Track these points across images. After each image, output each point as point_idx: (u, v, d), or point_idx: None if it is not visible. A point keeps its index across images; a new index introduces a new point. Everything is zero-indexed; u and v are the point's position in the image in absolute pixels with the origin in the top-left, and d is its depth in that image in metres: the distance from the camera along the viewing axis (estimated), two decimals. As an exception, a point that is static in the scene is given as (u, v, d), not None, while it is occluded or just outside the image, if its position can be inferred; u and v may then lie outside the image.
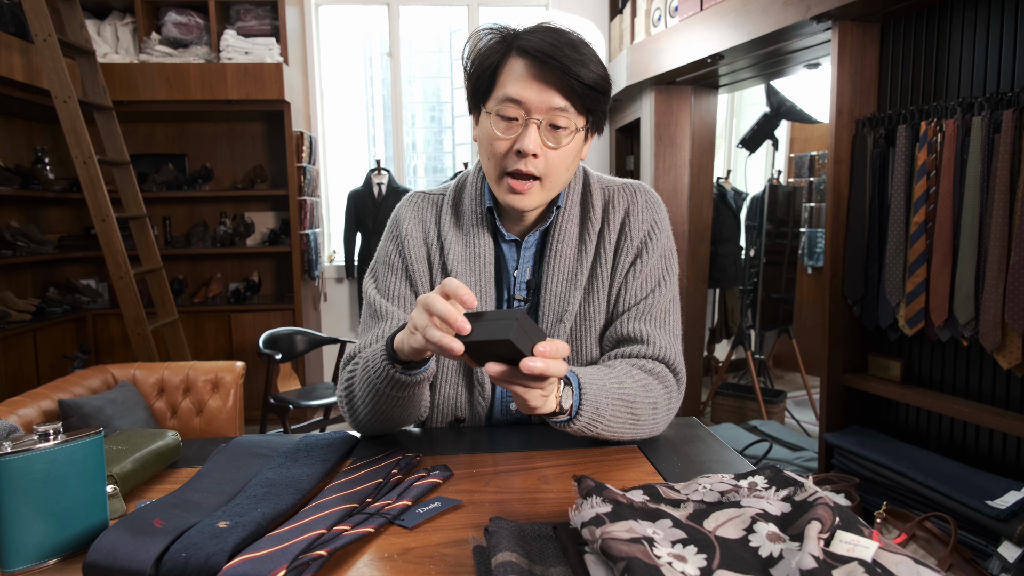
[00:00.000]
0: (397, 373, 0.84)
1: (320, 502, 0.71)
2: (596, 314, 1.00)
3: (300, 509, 0.72)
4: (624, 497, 0.60)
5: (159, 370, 3.12)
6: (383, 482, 0.78)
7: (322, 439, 0.92)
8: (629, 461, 0.87)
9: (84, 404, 2.68)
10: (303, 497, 0.75)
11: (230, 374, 3.11)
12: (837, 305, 2.69)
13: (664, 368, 0.95)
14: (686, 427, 1.02)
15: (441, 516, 0.72)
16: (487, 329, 0.68)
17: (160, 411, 3.04)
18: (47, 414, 2.63)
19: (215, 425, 3.06)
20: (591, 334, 1.00)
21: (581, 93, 0.88)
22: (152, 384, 3.07)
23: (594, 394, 0.83)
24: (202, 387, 3.11)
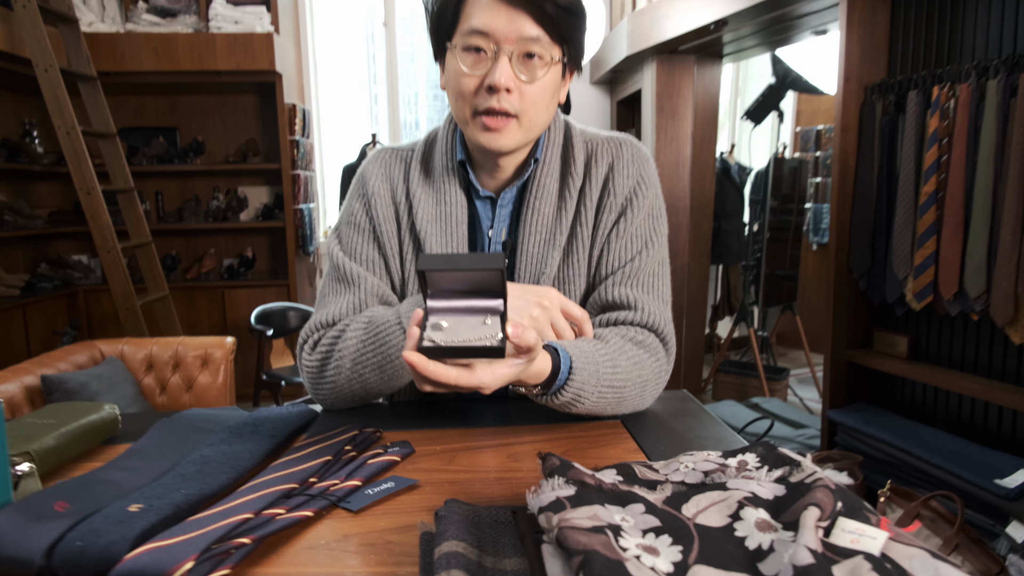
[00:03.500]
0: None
1: (257, 482, 0.63)
2: (576, 277, 0.92)
3: (234, 490, 0.64)
4: (592, 478, 0.52)
5: (147, 346, 3.06)
6: (332, 460, 0.70)
7: (275, 413, 0.84)
8: (610, 437, 0.79)
9: (68, 380, 2.62)
10: (240, 476, 0.67)
11: (220, 350, 3.04)
12: (842, 279, 2.60)
13: (654, 338, 0.87)
14: (676, 401, 0.94)
15: (393, 498, 0.65)
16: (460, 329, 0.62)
17: (148, 387, 2.98)
18: (30, 390, 2.57)
19: (205, 401, 3.00)
20: (572, 299, 0.92)
21: (555, 17, 0.79)
22: (140, 360, 3.01)
23: (582, 381, 0.75)
24: (191, 363, 3.04)
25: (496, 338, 0.59)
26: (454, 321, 0.61)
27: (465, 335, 0.59)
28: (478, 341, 0.58)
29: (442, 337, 0.59)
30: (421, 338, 0.59)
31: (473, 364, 0.61)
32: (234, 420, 0.80)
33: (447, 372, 0.60)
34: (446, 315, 0.62)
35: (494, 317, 0.61)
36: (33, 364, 2.68)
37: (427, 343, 0.59)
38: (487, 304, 0.62)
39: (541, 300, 0.78)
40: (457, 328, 0.60)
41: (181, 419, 0.82)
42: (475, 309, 0.62)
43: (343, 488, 0.65)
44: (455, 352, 0.59)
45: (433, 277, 0.61)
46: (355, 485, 0.66)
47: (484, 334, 0.59)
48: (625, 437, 0.79)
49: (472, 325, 0.60)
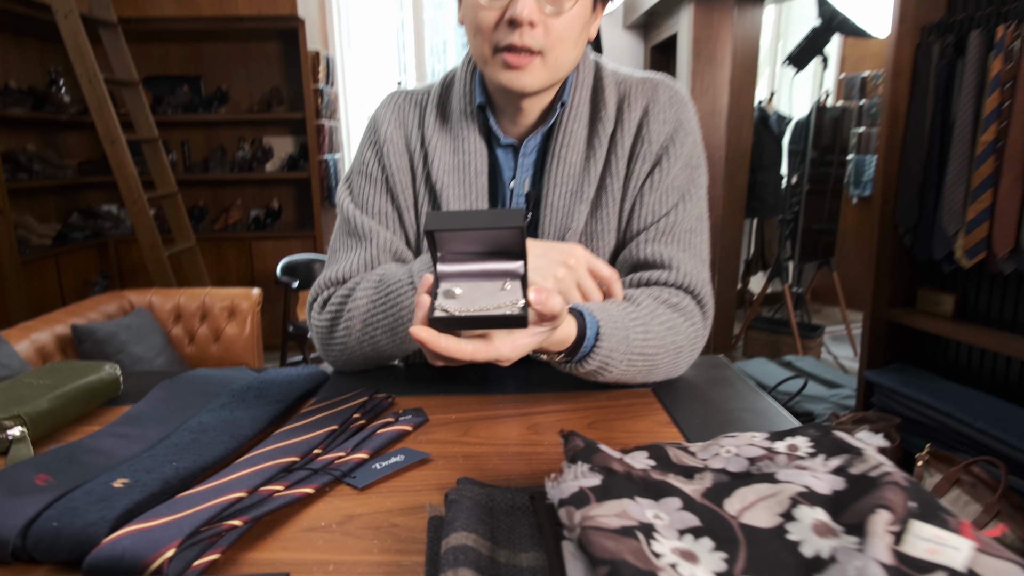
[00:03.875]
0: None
1: (256, 453, 0.59)
2: (605, 233, 0.84)
3: (231, 462, 0.59)
4: (621, 463, 0.46)
5: (175, 296, 3.06)
6: (339, 429, 0.65)
7: (282, 375, 0.79)
8: (640, 408, 0.73)
9: (98, 329, 2.63)
10: (240, 446, 0.62)
11: (246, 301, 3.04)
12: (887, 235, 2.47)
13: (689, 300, 0.79)
14: (712, 368, 0.87)
15: (402, 473, 0.59)
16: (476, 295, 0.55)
17: (177, 337, 3.00)
18: (61, 339, 2.59)
19: (233, 352, 3.02)
20: (599, 257, 0.85)
21: None
22: (169, 310, 3.02)
23: (610, 348, 0.69)
24: (219, 314, 3.05)
25: (517, 305, 0.52)
26: (468, 287, 0.55)
27: (481, 303, 0.53)
28: (496, 309, 0.52)
29: (455, 306, 0.53)
30: (432, 308, 0.53)
31: (490, 335, 0.55)
32: (239, 383, 0.75)
33: (461, 346, 0.53)
34: (459, 280, 0.55)
35: (514, 281, 0.54)
36: (64, 313, 2.71)
37: (438, 313, 0.52)
38: (505, 267, 0.55)
39: (566, 259, 0.71)
40: (472, 295, 0.54)
41: (184, 380, 0.77)
42: (492, 273, 0.55)
43: (349, 462, 0.60)
44: (470, 323, 0.52)
45: (443, 238, 0.55)
46: (362, 458, 0.61)
47: (503, 301, 0.53)
48: (656, 408, 0.73)
49: (489, 291, 0.54)
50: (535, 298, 0.53)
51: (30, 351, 2.40)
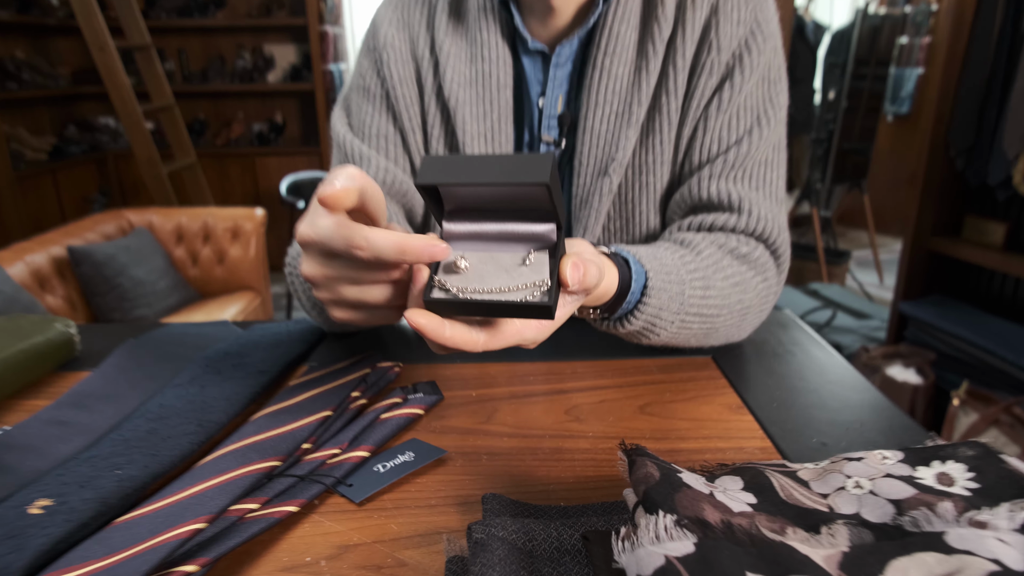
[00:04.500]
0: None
1: (226, 452, 0.46)
2: (658, 165, 0.69)
3: (194, 463, 0.47)
4: (713, 504, 0.33)
5: (176, 216, 2.93)
6: (334, 414, 0.52)
7: (270, 334, 0.66)
8: (702, 385, 0.60)
9: (96, 251, 2.52)
10: (207, 438, 0.50)
11: (250, 222, 2.91)
12: (936, 156, 2.27)
13: (763, 250, 0.65)
14: (777, 327, 0.73)
15: (411, 479, 0.47)
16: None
17: (180, 259, 2.89)
18: (57, 262, 2.48)
19: (239, 275, 2.91)
20: (649, 195, 0.69)
21: None
22: (170, 231, 2.90)
23: (659, 306, 0.54)
24: (222, 235, 2.92)
25: (541, 289, 0.38)
26: (479, 259, 0.40)
27: (495, 281, 0.39)
28: (514, 293, 0.38)
29: (461, 283, 0.39)
30: (430, 285, 0.39)
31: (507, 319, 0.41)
32: (215, 348, 0.63)
33: (470, 337, 0.39)
34: (467, 247, 0.41)
35: (540, 253, 0.40)
36: (60, 234, 2.59)
37: (437, 294, 0.39)
38: (531, 230, 0.40)
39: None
40: (483, 270, 0.40)
41: (152, 342, 0.65)
42: (512, 237, 0.41)
43: (345, 463, 0.47)
44: (478, 308, 0.38)
45: (449, 192, 0.40)
46: (361, 457, 0.48)
47: (523, 280, 0.39)
48: (721, 385, 0.60)
49: (506, 265, 0.40)
50: (572, 276, 0.39)
51: (25, 275, 2.30)
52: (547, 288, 0.38)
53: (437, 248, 0.39)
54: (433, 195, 0.41)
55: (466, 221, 0.41)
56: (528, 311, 0.38)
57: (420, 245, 0.38)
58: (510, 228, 0.41)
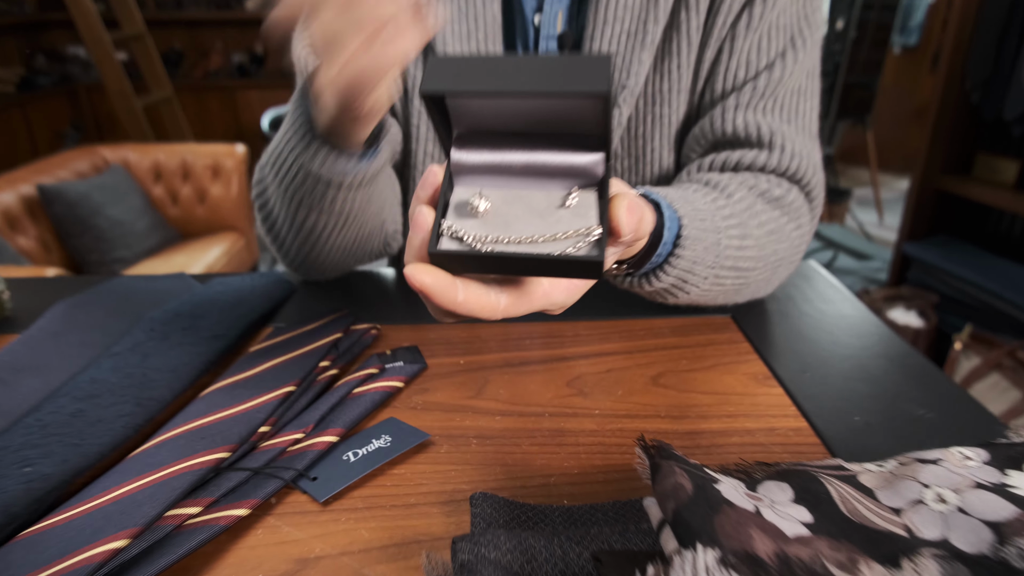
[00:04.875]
0: (319, 163, 0.49)
1: (165, 439, 0.39)
2: (674, 95, 0.59)
3: (126, 455, 0.39)
4: (761, 525, 0.26)
5: (153, 153, 2.80)
6: (298, 388, 0.45)
7: (231, 290, 0.58)
8: (722, 350, 0.53)
9: (68, 190, 2.40)
10: (146, 421, 0.42)
11: (231, 159, 2.78)
12: (951, 89, 2.16)
13: (796, 192, 0.56)
14: (802, 281, 0.66)
15: (387, 469, 0.40)
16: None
17: (159, 198, 2.77)
18: (27, 202, 2.37)
19: (221, 215, 2.80)
20: (662, 129, 0.61)
21: None
22: (147, 169, 2.77)
23: (693, 258, 0.46)
24: (202, 173, 2.80)
25: (589, 239, 0.29)
26: (503, 197, 0.32)
27: (525, 228, 0.30)
28: (552, 243, 0.29)
29: (479, 231, 0.30)
30: (435, 232, 0.30)
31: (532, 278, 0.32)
32: (165, 309, 0.54)
33: (488, 301, 0.31)
34: (488, 181, 0.32)
35: (585, 191, 0.31)
36: (30, 172, 2.46)
37: (447, 244, 0.30)
38: (572, 162, 0.32)
39: None
40: (509, 213, 0.31)
41: (92, 299, 0.56)
42: (545, 170, 0.32)
43: (308, 451, 0.40)
44: (506, 263, 0.29)
45: (461, 107, 0.31)
46: (329, 443, 0.41)
47: (564, 228, 0.30)
48: (744, 350, 0.52)
49: (539, 207, 0.31)
50: (627, 222, 0.30)
51: (-7, 215, 2.19)
52: (597, 237, 0.29)
53: (431, 175, 0.31)
54: (440, 111, 0.31)
55: (484, 148, 0.32)
56: (571, 268, 0.29)
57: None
58: (543, 159, 0.31)
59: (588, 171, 0.31)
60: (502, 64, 0.28)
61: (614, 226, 0.30)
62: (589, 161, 0.31)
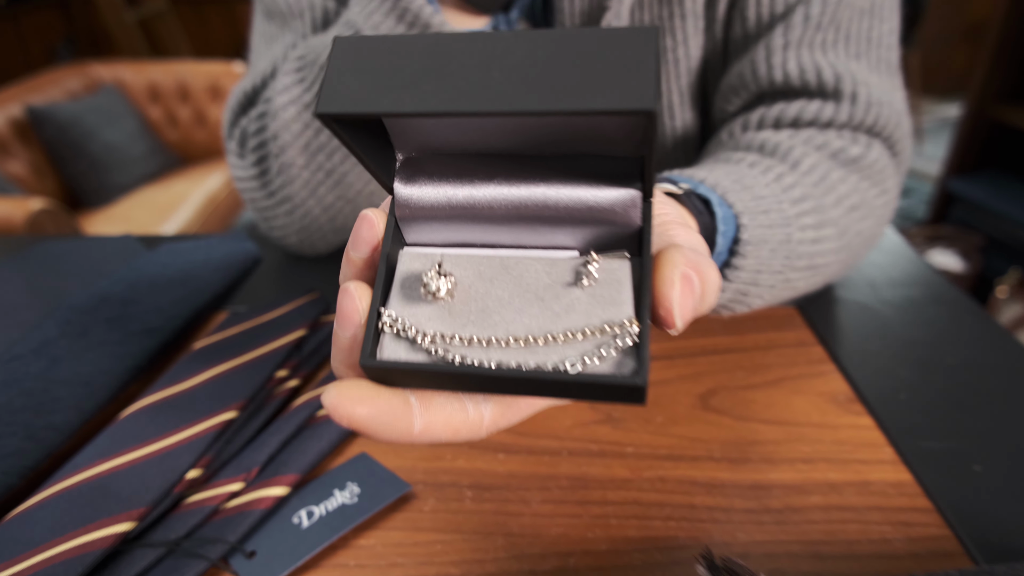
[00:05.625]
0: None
1: (48, 497, 0.29)
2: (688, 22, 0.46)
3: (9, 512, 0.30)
4: None
5: (149, 72, 2.65)
6: (243, 412, 0.35)
7: (181, 263, 0.47)
8: (785, 356, 0.41)
9: (59, 111, 2.28)
10: (39, 461, 0.32)
11: (231, 79, 2.62)
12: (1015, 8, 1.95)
13: (880, 149, 0.43)
14: (882, 256, 0.54)
15: (352, 540, 0.30)
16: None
17: (156, 120, 2.64)
18: (17, 125, 2.25)
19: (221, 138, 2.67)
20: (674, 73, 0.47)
21: None
22: (143, 89, 2.63)
23: (758, 265, 0.35)
24: (201, 94, 2.66)
25: (618, 342, 0.18)
26: (479, 267, 0.20)
27: (515, 322, 0.19)
28: (562, 347, 0.18)
29: (441, 327, 0.19)
30: (373, 326, 0.19)
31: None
32: (90, 292, 0.44)
33: (463, 421, 0.19)
34: (455, 236, 0.21)
35: (614, 258, 0.20)
36: (19, 91, 2.34)
37: (393, 349, 0.19)
38: (588, 200, 0.19)
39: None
40: (489, 295, 0.19)
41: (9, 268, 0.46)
42: (547, 217, 0.20)
43: (247, 511, 0.30)
44: (484, 383, 0.18)
45: (400, 126, 0.20)
46: (275, 499, 0.31)
47: (579, 323, 0.19)
48: (816, 357, 0.41)
49: (537, 284, 0.19)
50: (680, 306, 0.18)
51: (-21, 139, 2.08)
52: (635, 336, 0.18)
53: (365, 226, 0.20)
54: (367, 128, 0.19)
55: (446, 180, 0.20)
56: (594, 392, 0.18)
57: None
58: (542, 196, 0.20)
59: (616, 217, 0.19)
60: (470, 49, 0.16)
61: (662, 315, 0.18)
62: (617, 200, 0.19)
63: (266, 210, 0.49)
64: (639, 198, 0.19)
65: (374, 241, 0.20)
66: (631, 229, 0.20)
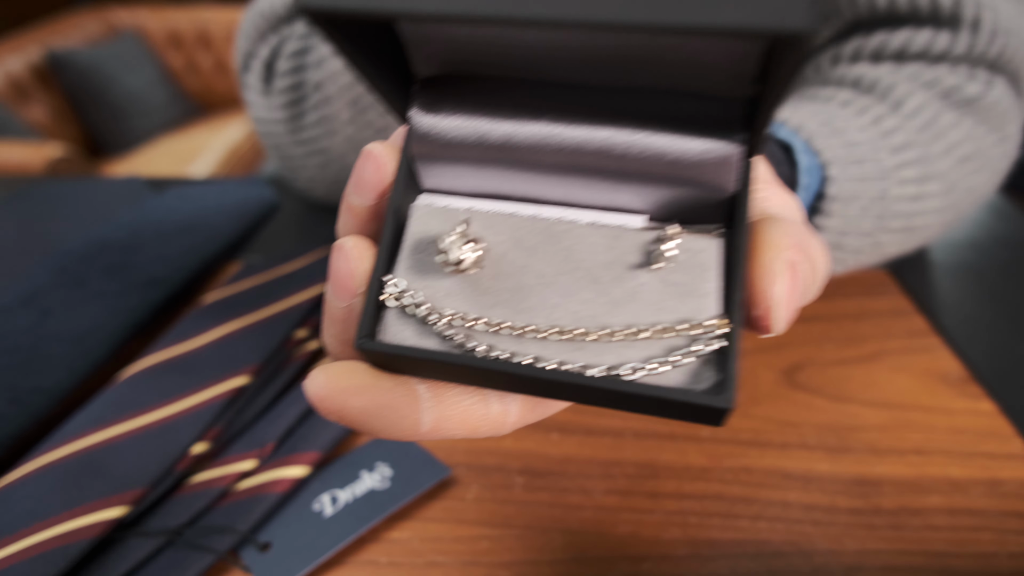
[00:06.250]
0: None
1: (34, 471, 0.25)
2: None
3: None
4: None
5: (169, 17, 2.59)
6: (257, 377, 0.30)
7: (192, 207, 0.43)
8: (881, 327, 0.36)
9: (79, 57, 2.24)
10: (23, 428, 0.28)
11: (252, 26, 2.55)
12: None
13: (1003, 86, 0.36)
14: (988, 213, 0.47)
15: (381, 533, 0.25)
16: None
17: (178, 69, 2.58)
18: (36, 70, 2.21)
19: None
20: None
21: None
22: (164, 35, 2.57)
23: (844, 225, 0.29)
24: (223, 42, 2.59)
25: (702, 344, 0.13)
26: (516, 231, 0.15)
27: (561, 308, 0.14)
28: (621, 345, 0.13)
29: (463, 305, 0.14)
30: (373, 298, 0.14)
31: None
32: (88, 236, 0.39)
33: (482, 416, 0.14)
34: (485, 187, 0.16)
35: (698, 236, 0.14)
36: (38, 34, 2.29)
37: (398, 330, 0.14)
38: (669, 151, 0.14)
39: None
40: (528, 269, 0.14)
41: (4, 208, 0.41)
42: (610, 170, 0.14)
43: (261, 496, 0.26)
44: (516, 383, 0.13)
45: (433, 28, 0.14)
46: (293, 481, 0.26)
47: (647, 316, 0.14)
48: (917, 328, 0.36)
49: (592, 261, 0.14)
50: (783, 303, 0.13)
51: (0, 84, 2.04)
52: (720, 341, 0.13)
53: (370, 164, 0.15)
54: (378, 36, 0.14)
55: (479, 111, 0.15)
56: (661, 407, 0.13)
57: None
58: (605, 140, 0.14)
59: (703, 176, 0.14)
60: None
61: (758, 316, 0.14)
62: (709, 154, 0.14)
63: (293, 159, 0.44)
64: (739, 154, 0.14)
65: (381, 186, 0.15)
66: (720, 195, 0.14)
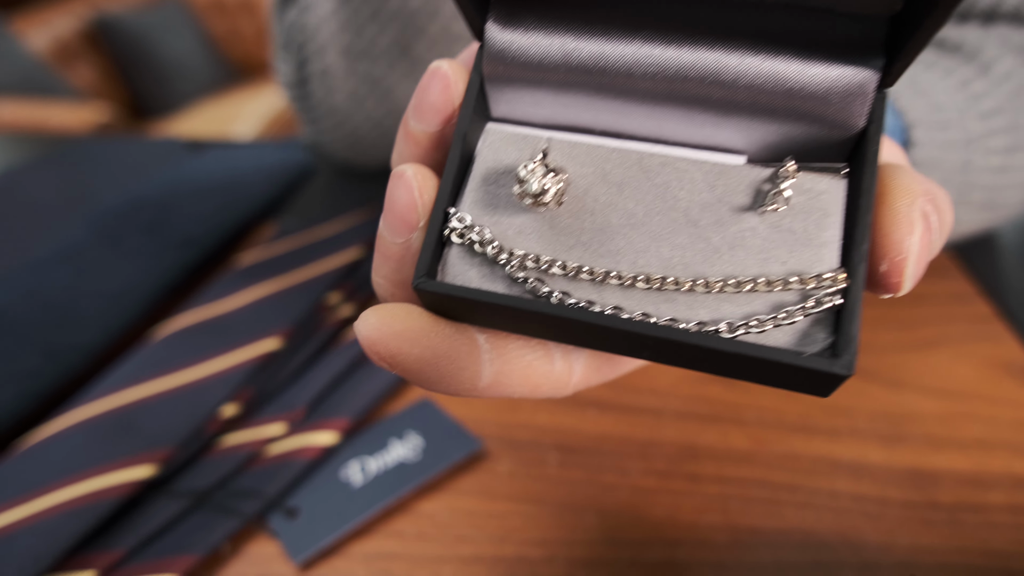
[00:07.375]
0: None
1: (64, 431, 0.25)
2: None
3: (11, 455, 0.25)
4: None
5: (212, -15, 2.60)
6: (291, 338, 0.30)
7: (228, 169, 0.42)
8: (942, 313, 0.34)
9: (127, 23, 2.27)
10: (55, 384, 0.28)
11: (295, -7, 2.55)
12: None
13: None
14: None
15: (409, 506, 0.25)
16: None
17: (222, 36, 2.60)
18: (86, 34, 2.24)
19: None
20: None
21: None
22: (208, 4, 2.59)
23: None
24: (265, 9, 2.60)
25: (815, 301, 0.11)
26: (603, 163, 0.13)
27: (653, 253, 0.12)
28: (722, 299, 0.12)
29: (540, 246, 0.13)
30: (437, 234, 0.13)
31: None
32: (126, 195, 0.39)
33: (544, 374, 0.13)
34: (568, 116, 0.14)
35: (818, 174, 0.13)
36: (86, -2, 2.33)
37: (462, 269, 0.13)
38: (789, 78, 0.12)
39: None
40: (616, 207, 0.13)
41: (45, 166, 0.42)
42: (715, 99, 0.13)
43: (290, 461, 0.25)
44: (598, 336, 0.12)
45: None
46: (323, 448, 0.26)
47: (755, 267, 0.12)
48: (981, 314, 0.33)
49: (691, 201, 0.13)
50: (915, 258, 0.12)
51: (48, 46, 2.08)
52: (837, 298, 0.11)
53: (436, 82, 0.14)
54: None
55: (565, 27, 0.13)
56: (765, 371, 0.11)
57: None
58: (714, 65, 0.12)
59: (827, 109, 0.12)
60: None
61: (885, 271, 0.12)
62: (838, 83, 0.12)
63: (314, 122, 0.43)
64: (873, 83, 0.12)
65: (448, 110, 0.14)
66: (844, 134, 0.13)
